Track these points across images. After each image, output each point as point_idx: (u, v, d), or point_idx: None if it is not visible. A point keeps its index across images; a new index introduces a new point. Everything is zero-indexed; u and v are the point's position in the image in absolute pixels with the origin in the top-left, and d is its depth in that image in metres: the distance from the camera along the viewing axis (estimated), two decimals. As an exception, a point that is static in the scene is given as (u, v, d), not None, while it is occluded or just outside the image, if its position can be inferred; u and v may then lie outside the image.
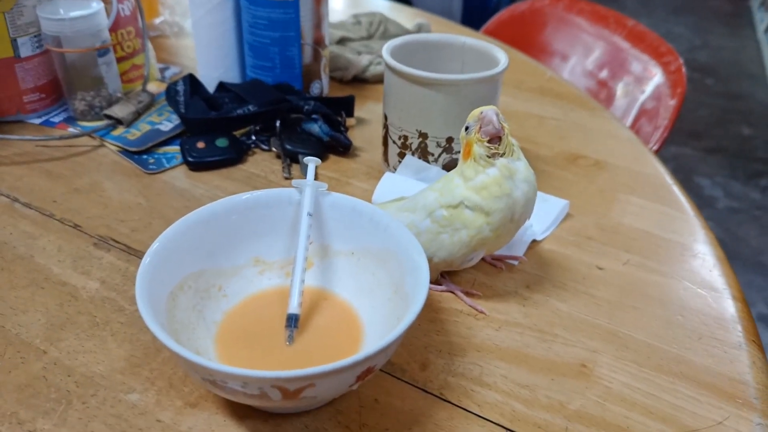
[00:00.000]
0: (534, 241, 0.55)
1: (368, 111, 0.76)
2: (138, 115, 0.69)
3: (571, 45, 1.15)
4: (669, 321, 0.47)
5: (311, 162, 0.46)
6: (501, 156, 0.44)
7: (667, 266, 0.53)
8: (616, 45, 1.03)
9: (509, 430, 0.39)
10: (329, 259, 0.45)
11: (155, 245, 0.39)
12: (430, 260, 0.46)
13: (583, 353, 0.44)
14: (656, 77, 0.93)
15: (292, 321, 0.41)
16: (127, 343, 0.43)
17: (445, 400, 0.40)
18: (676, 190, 0.65)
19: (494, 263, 0.52)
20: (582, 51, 1.10)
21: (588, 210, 0.60)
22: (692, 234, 0.57)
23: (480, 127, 0.43)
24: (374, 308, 0.42)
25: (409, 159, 0.57)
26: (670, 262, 0.54)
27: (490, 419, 0.39)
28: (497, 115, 0.43)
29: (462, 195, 0.44)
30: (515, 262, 0.52)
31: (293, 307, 0.41)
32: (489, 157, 0.44)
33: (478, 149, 0.44)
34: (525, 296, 0.49)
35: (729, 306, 0.49)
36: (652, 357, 0.44)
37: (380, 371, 0.42)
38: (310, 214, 0.43)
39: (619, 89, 1.01)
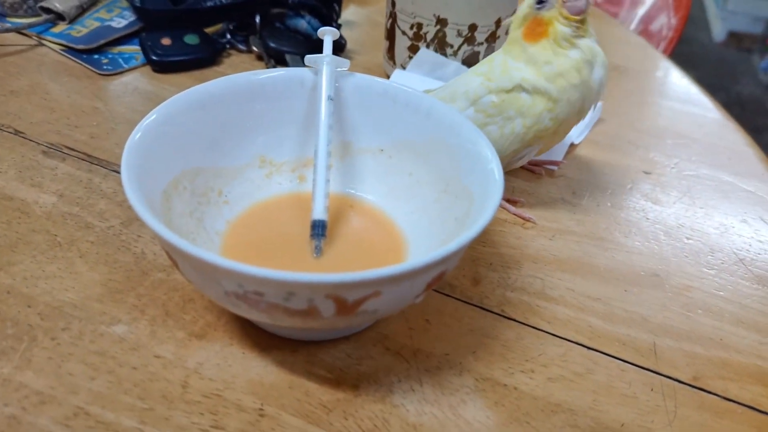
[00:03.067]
0: (571, 145, 0.48)
1: (360, 9, 0.67)
2: (82, 9, 0.57)
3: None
4: (741, 219, 0.42)
5: (328, 34, 0.37)
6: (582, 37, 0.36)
7: (722, 169, 0.48)
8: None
9: (591, 348, 0.32)
10: (351, 158, 0.37)
11: (151, 117, 0.29)
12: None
13: (653, 261, 0.38)
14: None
15: (319, 228, 0.32)
16: (102, 266, 0.34)
17: (508, 318, 0.33)
18: (704, 98, 0.59)
19: (532, 169, 0.45)
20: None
21: (620, 114, 0.54)
22: (735, 138, 0.52)
23: (565, 1, 0.36)
24: (415, 213, 0.34)
25: (424, 53, 0.49)
26: (724, 165, 0.48)
27: (566, 337, 0.32)
28: None
29: (521, 77, 0.36)
30: (554, 167, 0.45)
31: (318, 212, 0.32)
32: (573, 38, 0.36)
33: (563, 29, 0.36)
34: (573, 203, 0.42)
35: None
36: (727, 261, 0.39)
37: (426, 288, 0.34)
38: (331, 98, 0.34)
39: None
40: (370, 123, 0.36)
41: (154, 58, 0.51)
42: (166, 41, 0.52)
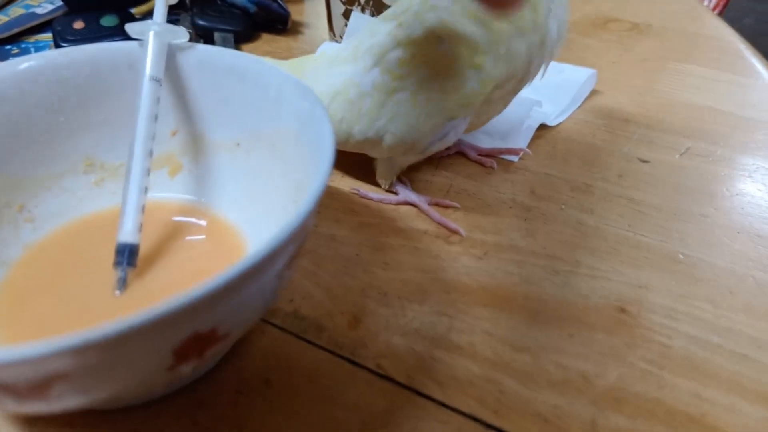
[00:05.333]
0: (544, 127, 0.37)
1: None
2: (12, -2, 0.52)
3: None
4: (757, 234, 0.30)
5: (160, -5, 0.28)
6: None
7: (745, 155, 0.35)
8: None
9: (493, 427, 0.22)
10: (204, 156, 0.28)
11: None
12: (379, 141, 0.29)
13: (622, 290, 0.27)
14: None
15: (126, 255, 0.24)
16: None
17: (384, 377, 0.24)
18: (749, 54, 0.45)
19: (481, 160, 0.34)
20: None
21: (624, 84, 0.42)
22: (783, 108, 0.39)
23: None
24: (270, 231, 0.26)
25: (357, 18, 0.39)
26: (749, 149, 0.35)
27: (460, 409, 0.22)
28: None
29: (437, 18, 0.26)
30: (514, 158, 0.35)
31: (127, 232, 0.24)
32: None
33: None
34: (528, 206, 0.32)
35: None
36: (737, 292, 0.27)
37: (277, 328, 0.25)
38: (156, 80, 0.26)
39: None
40: (221, 109, 0.27)
41: (63, 44, 0.45)
42: (78, 25, 0.46)
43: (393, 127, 0.28)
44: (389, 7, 0.39)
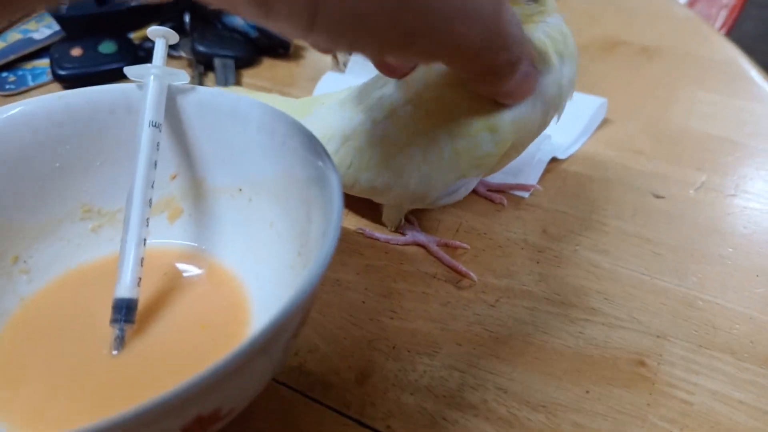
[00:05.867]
0: (554, 161, 0.36)
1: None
2: (10, 23, 0.51)
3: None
4: (781, 277, 0.29)
5: (159, 36, 0.27)
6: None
7: (760, 188, 0.34)
8: None
9: (509, 498, 0.21)
10: (205, 201, 0.27)
11: None
12: (385, 191, 0.28)
13: (641, 341, 0.26)
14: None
15: (123, 311, 0.23)
16: None
17: (394, 441, 0.22)
18: (762, 81, 0.44)
19: (491, 196, 0.33)
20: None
21: (634, 112, 0.41)
22: (799, 138, 0.38)
23: None
24: (272, 282, 0.25)
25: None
26: (764, 181, 0.35)
27: (475, 476, 0.21)
28: None
29: (447, 78, 0.25)
30: (525, 194, 0.34)
31: (124, 288, 0.23)
32: (535, 15, 0.25)
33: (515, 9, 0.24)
34: (540, 247, 0.31)
35: None
36: (759, 341, 0.26)
37: (282, 385, 0.24)
38: (155, 125, 0.25)
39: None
40: (224, 153, 0.26)
41: (60, 72, 0.44)
42: (76, 51, 0.45)
43: (401, 180, 0.27)
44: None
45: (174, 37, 0.27)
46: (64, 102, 0.26)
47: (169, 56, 0.47)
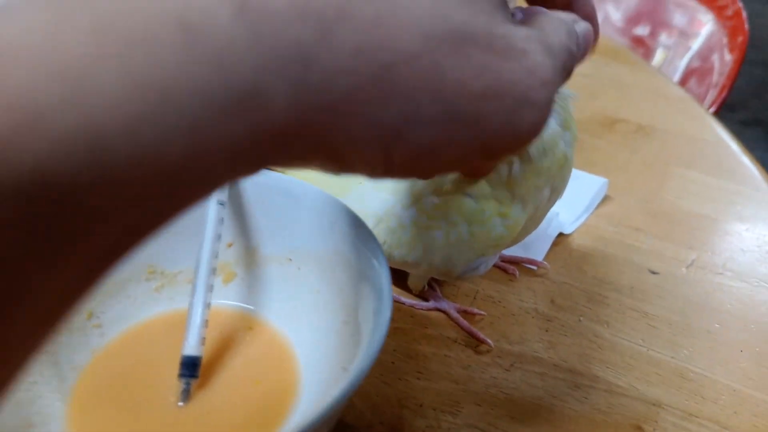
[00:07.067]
0: (560, 236, 0.40)
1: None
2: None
3: (599, -3, 0.97)
4: (758, 352, 0.32)
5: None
6: None
7: (746, 268, 0.38)
8: (655, -9, 0.86)
9: None
10: (257, 267, 0.31)
11: None
12: (416, 266, 0.31)
13: (638, 407, 0.29)
14: (707, 27, 0.76)
15: (189, 368, 0.26)
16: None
17: (423, 492, 0.26)
18: (749, 162, 0.49)
19: (505, 267, 0.37)
20: (612, 1, 0.93)
21: (632, 190, 0.45)
22: (779, 222, 0.42)
23: None
24: (317, 343, 0.28)
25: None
26: (749, 262, 0.38)
27: None
28: None
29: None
30: (533, 267, 0.37)
31: (191, 347, 0.27)
32: None
33: None
34: (549, 316, 0.34)
35: None
36: (742, 412, 0.29)
37: (327, 441, 0.27)
38: (221, 203, 0.29)
39: (658, 53, 0.84)
40: (276, 227, 0.30)
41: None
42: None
43: (428, 258, 0.30)
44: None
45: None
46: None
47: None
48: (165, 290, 0.31)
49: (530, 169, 0.28)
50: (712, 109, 0.64)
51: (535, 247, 0.38)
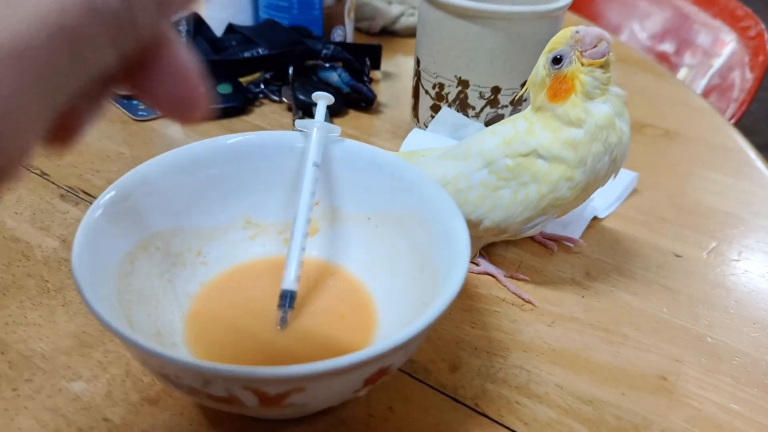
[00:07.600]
0: (594, 219, 0.44)
1: (396, 65, 0.66)
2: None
3: (625, 13, 1.02)
4: (771, 326, 0.37)
5: (322, 99, 0.36)
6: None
7: (759, 257, 0.43)
8: (681, 10, 0.90)
9: (567, 460, 0.29)
10: (339, 224, 0.36)
11: (110, 193, 0.29)
12: (478, 224, 0.36)
13: (663, 362, 0.34)
14: (729, 46, 0.80)
15: (287, 299, 0.31)
16: (81, 317, 0.34)
17: (481, 414, 0.30)
18: (763, 168, 0.54)
19: (545, 242, 0.42)
20: (638, 19, 0.98)
21: (659, 185, 0.49)
22: (791, 220, 0.47)
23: (583, 51, 0.33)
24: (393, 289, 0.33)
25: (446, 112, 0.47)
26: (762, 252, 0.43)
27: (542, 444, 0.29)
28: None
29: (537, 143, 0.34)
30: (571, 245, 0.42)
31: (289, 282, 0.31)
32: (603, 85, 0.34)
33: (589, 78, 0.33)
34: (585, 285, 0.39)
35: None
36: (753, 372, 0.34)
37: (398, 371, 0.32)
38: (316, 165, 0.34)
39: (683, 71, 0.89)
40: (358, 190, 0.35)
41: (185, 105, 0.53)
42: (199, 90, 0.54)
43: (492, 215, 0.35)
44: (472, 106, 0.47)
45: (331, 100, 0.36)
46: (245, 141, 0.34)
47: (276, 101, 0.57)
48: (258, 238, 0.36)
49: (591, 136, 0.33)
50: (732, 121, 0.69)
51: (573, 226, 0.43)
